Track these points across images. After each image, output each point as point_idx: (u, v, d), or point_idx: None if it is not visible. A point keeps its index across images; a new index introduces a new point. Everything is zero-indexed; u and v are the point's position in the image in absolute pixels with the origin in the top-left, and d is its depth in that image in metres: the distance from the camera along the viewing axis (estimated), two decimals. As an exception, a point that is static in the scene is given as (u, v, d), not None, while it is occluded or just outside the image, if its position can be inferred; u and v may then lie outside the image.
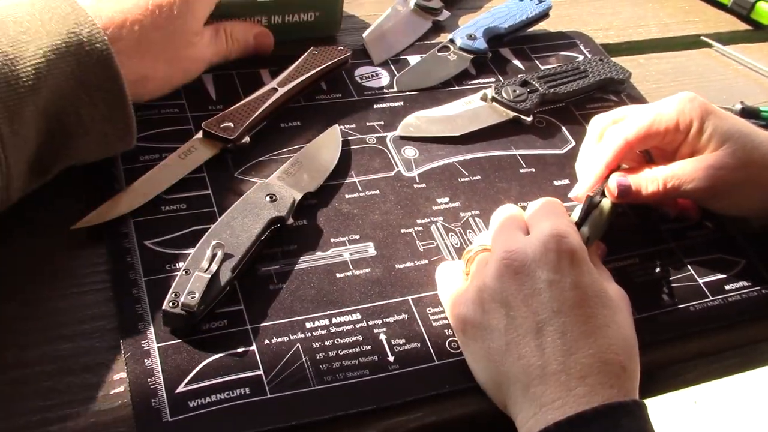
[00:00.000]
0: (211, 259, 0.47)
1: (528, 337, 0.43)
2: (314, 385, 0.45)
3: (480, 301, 0.46)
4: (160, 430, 0.41)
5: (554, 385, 0.42)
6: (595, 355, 0.42)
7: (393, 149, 0.60)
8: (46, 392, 0.42)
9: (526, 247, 0.46)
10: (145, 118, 0.57)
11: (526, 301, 0.44)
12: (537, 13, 0.73)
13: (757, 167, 0.52)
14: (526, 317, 0.44)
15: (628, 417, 0.41)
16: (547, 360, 0.42)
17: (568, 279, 0.44)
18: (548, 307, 0.44)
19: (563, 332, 0.43)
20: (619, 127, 0.55)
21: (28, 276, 0.47)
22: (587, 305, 0.44)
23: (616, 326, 0.44)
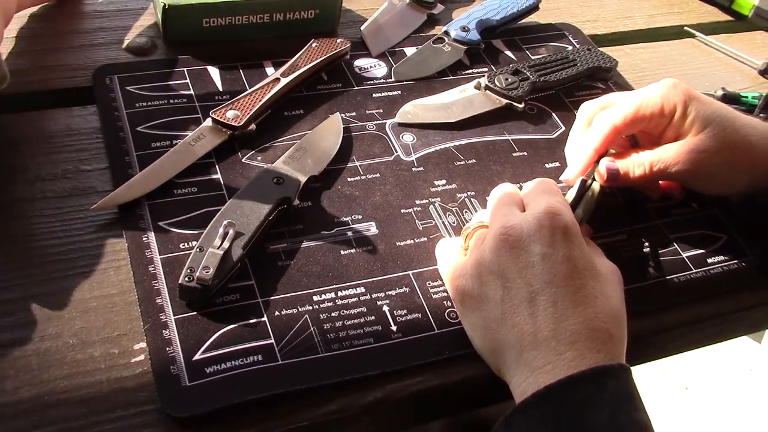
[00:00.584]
0: (224, 237, 0.50)
1: (522, 307, 0.46)
2: (322, 352, 0.47)
3: (478, 273, 0.49)
4: (180, 394, 0.44)
5: (545, 351, 0.44)
6: (584, 323, 0.45)
7: (392, 135, 0.63)
8: (70, 362, 0.45)
9: (522, 223, 0.49)
10: (156, 108, 0.60)
11: (520, 272, 0.47)
12: (527, 6, 0.76)
13: (737, 150, 0.55)
14: (521, 288, 0.47)
15: (613, 380, 0.43)
16: (539, 327, 0.45)
17: (561, 252, 0.47)
18: (541, 278, 0.46)
19: (554, 301, 0.46)
20: (606, 113, 0.58)
21: (53, 255, 0.50)
22: (578, 277, 0.47)
23: (604, 297, 0.47)
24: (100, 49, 0.66)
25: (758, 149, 0.56)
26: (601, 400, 0.42)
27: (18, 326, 0.46)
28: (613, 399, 0.42)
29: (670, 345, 0.56)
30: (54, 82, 0.62)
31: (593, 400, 0.42)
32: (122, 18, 0.69)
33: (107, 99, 0.60)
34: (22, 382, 0.44)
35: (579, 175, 0.58)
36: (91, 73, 0.63)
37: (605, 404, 0.42)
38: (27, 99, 0.61)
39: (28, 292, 0.48)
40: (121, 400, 0.44)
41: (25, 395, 0.43)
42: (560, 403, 0.42)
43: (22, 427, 0.42)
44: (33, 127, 0.58)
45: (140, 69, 0.64)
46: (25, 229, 0.51)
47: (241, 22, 0.68)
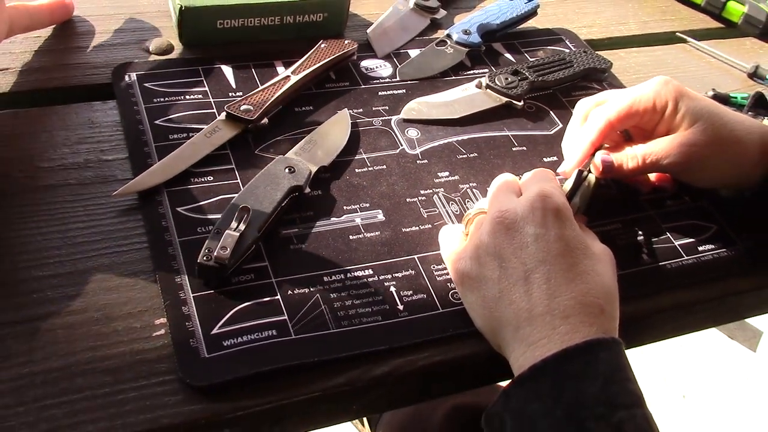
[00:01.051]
0: (240, 220, 0.52)
1: (518, 285, 0.49)
2: (333, 328, 0.50)
3: (477, 255, 0.51)
4: (199, 365, 0.47)
5: (540, 325, 0.47)
6: (576, 298, 0.47)
7: (397, 130, 0.66)
8: (95, 335, 0.48)
9: (516, 206, 0.51)
10: (173, 103, 0.63)
11: (516, 253, 0.50)
12: (526, 11, 0.79)
13: (725, 143, 0.58)
14: (516, 267, 0.49)
15: (605, 351, 0.46)
16: (534, 303, 0.48)
17: (553, 232, 0.50)
18: (535, 257, 0.49)
19: (548, 279, 0.48)
20: (601, 109, 0.61)
21: (78, 238, 0.53)
22: (570, 255, 0.49)
23: (596, 274, 0.50)
24: (118, 48, 0.69)
25: (745, 143, 0.59)
26: (595, 372, 0.44)
27: (45, 302, 0.49)
28: (606, 370, 0.44)
29: (664, 327, 0.59)
30: (75, 79, 0.65)
31: (587, 371, 0.44)
32: (139, 19, 0.72)
33: (126, 94, 0.63)
34: (50, 353, 0.46)
35: (576, 167, 0.60)
36: (110, 70, 0.66)
37: (598, 375, 0.44)
38: (50, 94, 0.64)
39: (55, 271, 0.51)
40: (143, 370, 0.46)
41: (54, 365, 0.46)
42: (556, 375, 0.45)
43: (50, 394, 0.44)
44: (56, 120, 0.61)
45: (158, 67, 0.67)
46: (50, 213, 0.54)
47: (253, 24, 0.71)
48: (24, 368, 0.45)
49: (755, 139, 0.59)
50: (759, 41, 0.89)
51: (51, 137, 0.59)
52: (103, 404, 0.44)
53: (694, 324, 0.61)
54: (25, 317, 0.48)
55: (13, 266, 0.50)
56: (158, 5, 0.74)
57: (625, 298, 0.56)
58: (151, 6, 0.75)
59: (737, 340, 1.74)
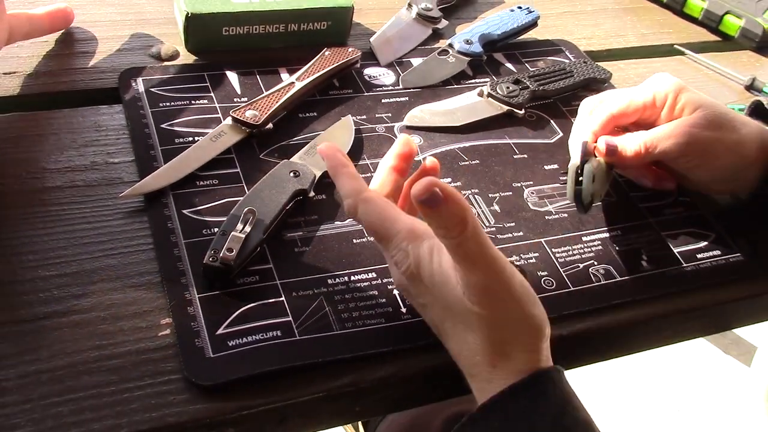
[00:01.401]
0: (245, 222, 0.53)
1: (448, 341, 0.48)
2: (337, 329, 0.51)
3: None
4: (204, 365, 0.47)
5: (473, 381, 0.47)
6: (469, 357, 0.46)
7: (400, 137, 0.67)
8: (101, 334, 0.48)
9: (401, 282, 0.50)
10: (179, 108, 0.64)
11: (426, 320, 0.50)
12: (526, 22, 0.80)
13: (724, 130, 0.60)
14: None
15: (549, 384, 0.44)
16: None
17: (427, 298, 0.47)
18: (433, 323, 0.49)
19: (447, 343, 0.48)
20: (604, 104, 0.63)
21: (84, 239, 0.53)
22: (442, 323, 0.47)
23: (467, 330, 0.46)
24: (125, 54, 0.69)
25: (742, 136, 0.60)
26: (544, 406, 0.43)
27: (52, 301, 0.49)
28: (555, 404, 0.44)
29: (663, 333, 0.59)
30: (82, 83, 0.66)
31: (536, 407, 0.43)
32: (146, 26, 0.73)
33: (133, 99, 0.64)
34: (57, 351, 0.47)
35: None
36: (116, 75, 0.66)
37: (548, 409, 0.43)
38: (57, 98, 0.64)
39: (62, 270, 0.51)
40: (149, 370, 0.47)
41: (60, 363, 0.46)
42: (505, 414, 0.44)
43: (56, 392, 0.45)
44: (63, 123, 0.61)
45: (164, 73, 0.67)
46: (57, 214, 0.54)
47: (258, 31, 0.72)
48: (30, 366, 0.45)
49: (753, 137, 0.61)
50: (755, 54, 0.91)
51: (58, 140, 0.60)
52: (109, 402, 0.45)
53: (694, 331, 0.61)
54: (31, 316, 0.48)
55: (21, 266, 0.51)
56: (164, 12, 0.75)
57: (624, 304, 0.57)
58: (157, 13, 0.75)
59: (731, 354, 1.74)
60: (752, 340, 1.74)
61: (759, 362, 1.51)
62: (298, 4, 0.72)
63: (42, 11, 0.67)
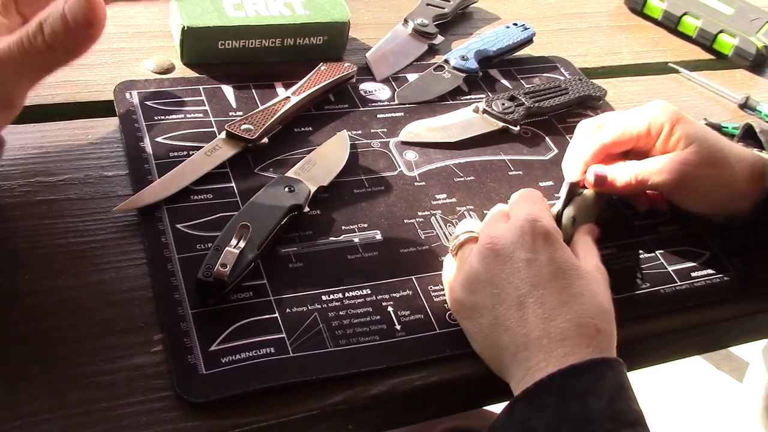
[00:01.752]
0: (239, 238, 0.53)
1: (512, 311, 0.49)
2: (331, 346, 0.50)
3: (468, 284, 0.52)
4: (196, 382, 0.47)
5: (537, 350, 0.47)
6: (572, 320, 0.48)
7: (395, 153, 0.67)
8: (93, 349, 0.48)
9: (505, 232, 0.52)
10: (174, 121, 0.64)
11: (508, 278, 0.50)
12: (522, 39, 0.81)
13: (717, 165, 0.60)
14: (509, 293, 0.49)
15: (610, 370, 0.46)
16: (530, 328, 0.48)
17: (543, 256, 0.50)
18: (527, 282, 0.49)
19: (542, 303, 0.49)
20: (598, 133, 0.62)
21: (76, 252, 0.53)
22: (562, 278, 0.50)
23: (590, 294, 0.50)
24: (120, 66, 0.69)
25: (735, 169, 0.60)
26: (601, 389, 0.45)
27: (44, 315, 0.49)
28: (611, 388, 0.45)
29: (658, 352, 0.59)
30: (77, 95, 0.65)
31: (593, 388, 0.45)
32: (141, 39, 0.73)
33: (128, 112, 0.64)
34: (48, 367, 0.46)
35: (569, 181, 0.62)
36: (112, 88, 0.66)
37: (604, 392, 0.45)
38: (51, 111, 0.64)
39: (53, 284, 0.51)
40: (141, 386, 0.46)
41: (51, 378, 0.45)
42: (561, 391, 0.45)
43: (47, 408, 0.44)
44: (57, 135, 0.61)
45: (159, 86, 0.67)
46: (50, 227, 0.54)
47: (254, 45, 0.72)
48: (21, 382, 0.45)
49: (745, 168, 0.60)
50: (749, 73, 0.91)
51: (52, 152, 0.59)
52: (100, 419, 0.44)
53: (688, 349, 0.61)
54: (23, 331, 0.48)
55: (12, 280, 0.50)
56: (160, 25, 0.75)
57: (619, 322, 0.56)
58: (153, 26, 0.75)
59: (723, 370, 1.75)
60: (744, 356, 1.74)
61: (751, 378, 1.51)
62: (295, 19, 0.72)
63: None
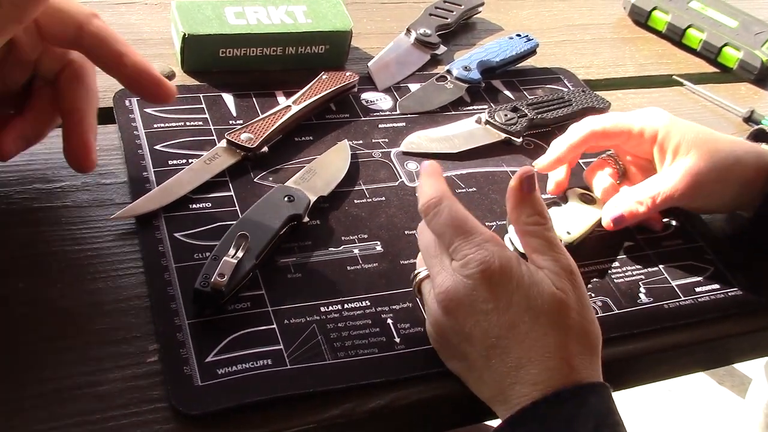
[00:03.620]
0: (238, 247, 0.52)
1: (480, 362, 0.47)
2: (329, 359, 0.49)
3: (437, 333, 0.50)
4: (192, 393, 0.46)
5: (513, 395, 0.45)
6: (540, 364, 0.45)
7: (397, 163, 0.66)
8: (87, 359, 0.47)
9: (456, 285, 0.47)
10: (173, 129, 0.63)
11: (471, 333, 0.47)
12: (525, 50, 0.80)
13: (724, 166, 0.60)
14: (476, 346, 0.47)
15: (595, 395, 0.45)
16: (502, 377, 0.46)
17: (502, 302, 0.46)
18: (491, 334, 0.47)
19: (507, 352, 0.46)
20: (589, 119, 0.64)
21: (72, 260, 0.52)
22: (522, 321, 0.46)
23: (557, 328, 0.46)
24: (120, 73, 0.69)
25: (744, 163, 0.61)
26: (586, 415, 0.44)
27: (38, 324, 0.48)
28: (597, 413, 0.44)
29: (660, 368, 0.58)
30: (76, 102, 0.65)
31: (578, 414, 0.44)
32: (141, 47, 0.73)
33: (127, 119, 0.63)
34: (41, 377, 0.45)
35: (550, 164, 0.64)
36: (111, 95, 0.66)
37: (590, 418, 0.43)
38: (50, 117, 0.63)
39: (49, 293, 0.50)
40: (135, 397, 0.46)
41: (44, 389, 0.45)
42: (545, 418, 0.44)
43: (40, 419, 0.43)
44: (55, 142, 0.60)
45: (159, 93, 0.67)
46: (47, 234, 0.53)
47: (255, 53, 0.71)
48: (13, 392, 0.44)
49: (752, 159, 0.61)
50: (754, 86, 0.90)
51: (50, 159, 0.59)
52: (94, 430, 0.43)
53: (692, 365, 0.60)
54: (16, 340, 0.47)
55: (7, 287, 0.49)
56: (161, 32, 0.75)
57: (621, 337, 0.56)
58: (154, 33, 0.75)
59: (725, 386, 1.73)
60: (747, 372, 1.73)
61: (754, 394, 1.50)
62: (296, 28, 0.72)
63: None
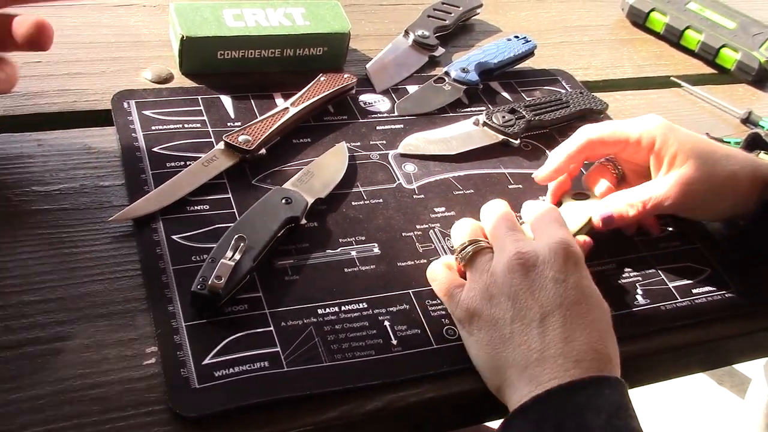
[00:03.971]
0: (235, 250, 0.52)
1: (532, 326, 0.49)
2: (326, 361, 0.50)
3: (488, 295, 0.51)
4: (189, 395, 0.46)
5: (551, 367, 0.47)
6: (590, 344, 0.48)
7: (394, 165, 0.66)
8: (85, 362, 0.47)
9: (537, 250, 0.51)
10: (171, 131, 0.64)
11: (533, 294, 0.50)
12: (523, 52, 0.80)
13: (718, 179, 0.60)
14: (532, 308, 0.49)
15: (610, 389, 0.46)
16: (547, 345, 0.48)
17: (571, 279, 0.50)
18: (553, 301, 0.49)
19: (564, 323, 0.48)
20: (586, 127, 0.63)
21: (71, 263, 0.52)
22: (585, 303, 0.50)
23: (605, 324, 0.50)
24: (119, 75, 0.69)
25: (738, 177, 0.60)
26: (599, 406, 0.45)
27: (36, 327, 0.48)
28: (610, 405, 0.45)
29: (657, 369, 0.58)
30: (75, 104, 0.65)
31: (591, 404, 0.45)
32: (140, 48, 0.73)
33: (125, 121, 0.63)
34: (38, 380, 0.45)
35: (549, 175, 0.64)
36: (110, 97, 0.66)
37: (603, 410, 0.44)
38: (49, 119, 0.63)
39: (46, 296, 0.50)
40: (132, 400, 0.46)
41: (41, 392, 0.45)
42: (559, 406, 0.45)
43: (37, 422, 0.43)
44: (54, 144, 0.61)
45: (157, 95, 0.67)
46: (45, 237, 0.54)
47: (253, 55, 0.71)
48: (11, 394, 0.44)
49: (747, 173, 0.61)
50: (752, 88, 0.91)
51: (48, 161, 0.59)
52: (91, 433, 0.44)
53: (687, 367, 0.60)
54: (13, 342, 0.47)
55: (4, 290, 0.50)
56: (159, 34, 0.75)
57: (619, 339, 0.55)
58: (152, 35, 0.75)
59: (725, 386, 1.73)
60: (746, 372, 1.73)
61: (753, 394, 1.50)
62: (295, 30, 0.72)
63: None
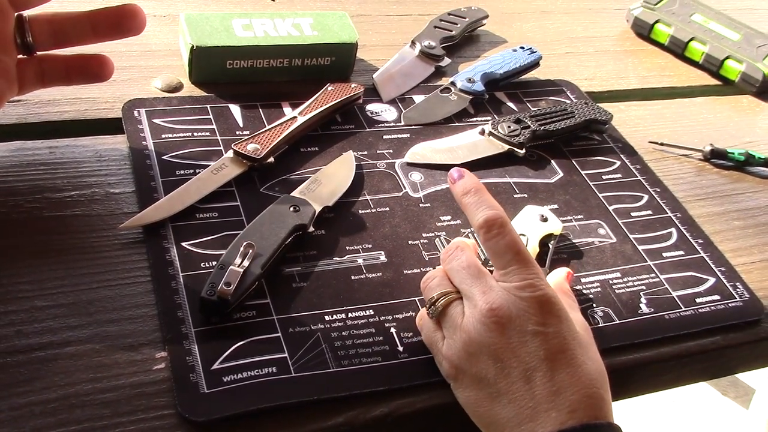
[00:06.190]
0: (244, 256, 0.53)
1: (518, 384, 0.47)
2: (333, 367, 0.50)
3: (467, 353, 0.49)
4: (198, 400, 0.46)
5: (545, 421, 0.45)
6: (581, 391, 0.46)
7: (401, 173, 0.67)
8: (96, 367, 0.48)
9: (508, 303, 0.48)
10: (181, 139, 0.64)
11: (514, 351, 0.47)
12: (529, 62, 0.81)
13: None
14: (515, 366, 0.47)
15: None
16: (538, 401, 0.46)
17: (551, 329, 0.48)
18: (536, 355, 0.47)
19: (552, 377, 0.46)
20: None
21: (82, 269, 0.53)
22: (569, 348, 0.48)
23: (591, 361, 0.48)
24: (129, 84, 0.70)
25: None
26: None
27: (47, 332, 0.49)
28: None
29: (661, 378, 0.59)
30: (86, 113, 0.66)
31: None
32: (150, 58, 0.74)
33: (135, 129, 0.64)
34: (50, 384, 0.46)
35: None
36: (120, 106, 0.67)
37: None
38: (60, 127, 0.64)
39: (58, 301, 0.51)
40: (142, 404, 0.46)
41: (52, 396, 0.46)
42: None
43: (49, 425, 0.44)
44: (65, 152, 0.62)
45: (167, 104, 0.68)
46: (56, 243, 0.54)
47: (262, 65, 0.72)
48: (23, 398, 0.45)
49: None
50: (755, 99, 0.91)
51: (59, 169, 0.60)
52: (101, 437, 0.44)
53: (691, 376, 0.61)
54: (25, 347, 0.48)
55: (16, 295, 0.50)
56: (169, 44, 0.76)
57: (622, 347, 0.56)
58: (162, 44, 0.76)
59: (729, 396, 1.73)
60: (750, 383, 1.73)
61: (757, 405, 1.50)
62: (303, 40, 0.73)
63: None
